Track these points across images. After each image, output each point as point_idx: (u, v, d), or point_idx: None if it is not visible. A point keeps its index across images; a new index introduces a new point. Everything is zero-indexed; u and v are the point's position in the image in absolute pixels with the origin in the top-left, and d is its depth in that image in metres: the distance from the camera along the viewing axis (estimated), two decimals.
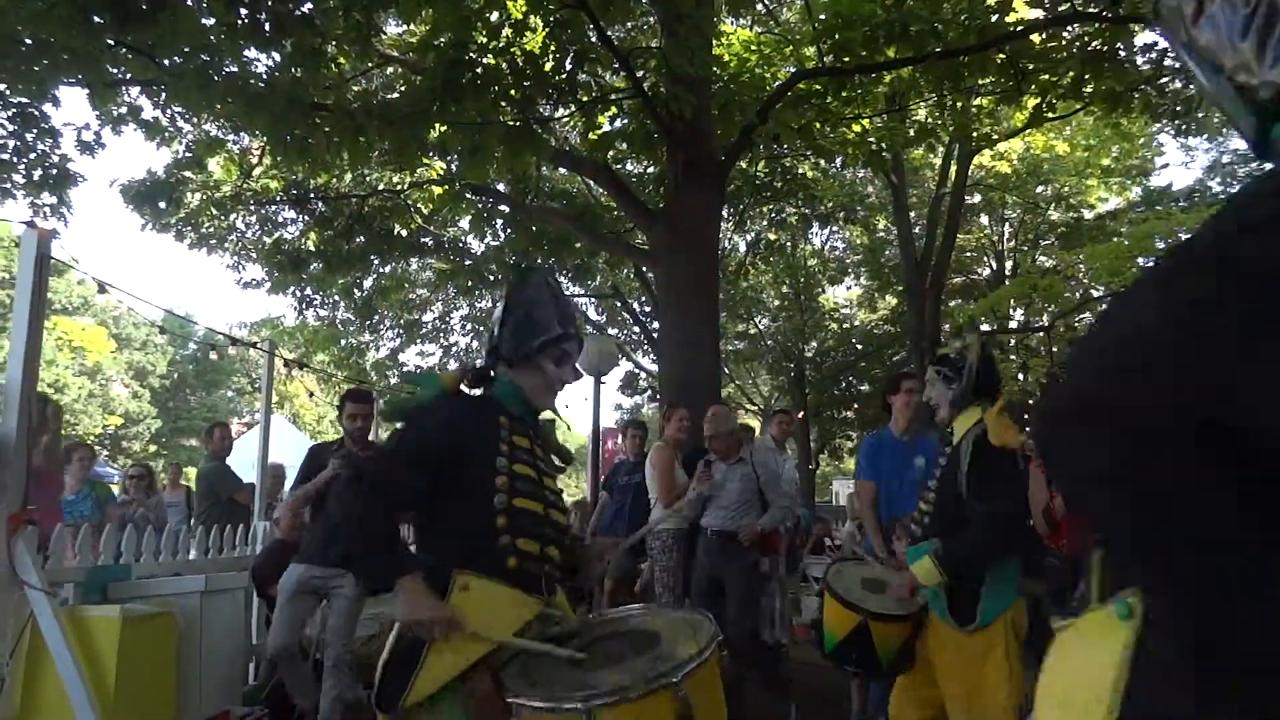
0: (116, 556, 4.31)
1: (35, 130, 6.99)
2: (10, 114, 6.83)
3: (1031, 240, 19.62)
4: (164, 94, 6.90)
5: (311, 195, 10.57)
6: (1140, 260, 13.57)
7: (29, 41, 5.50)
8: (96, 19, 5.06)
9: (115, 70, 6.31)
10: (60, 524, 4.04)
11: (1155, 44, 7.75)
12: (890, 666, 3.07)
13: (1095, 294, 15.73)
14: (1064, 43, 7.55)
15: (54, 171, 7.17)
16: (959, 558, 2.82)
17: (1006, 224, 20.03)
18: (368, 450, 4.57)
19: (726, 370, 18.88)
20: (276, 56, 6.27)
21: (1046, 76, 7.71)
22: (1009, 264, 19.76)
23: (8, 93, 6.53)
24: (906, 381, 4.65)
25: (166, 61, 5.91)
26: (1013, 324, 17.84)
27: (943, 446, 3.17)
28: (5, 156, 6.92)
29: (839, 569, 3.43)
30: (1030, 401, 16.07)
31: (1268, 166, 0.85)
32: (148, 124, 7.55)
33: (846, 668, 3.19)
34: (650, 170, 10.69)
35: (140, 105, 7.47)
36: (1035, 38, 7.47)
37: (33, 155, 7.10)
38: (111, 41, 5.61)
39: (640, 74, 7.16)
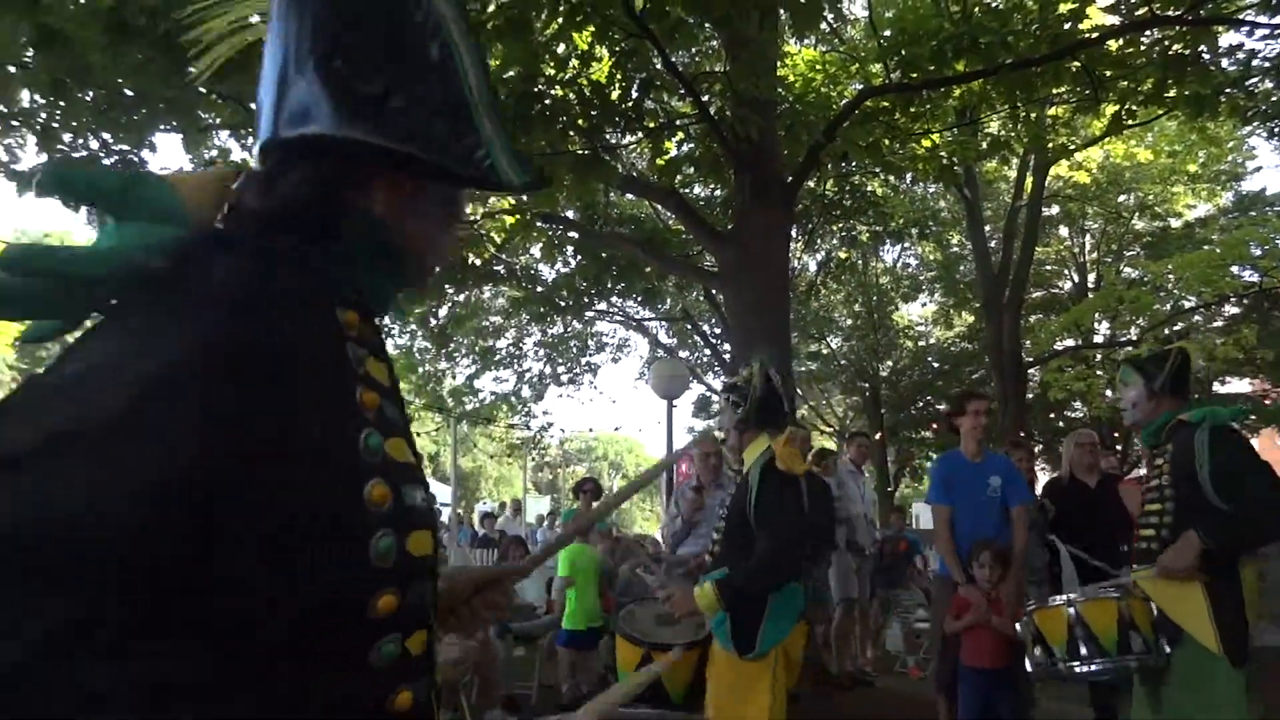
0: None
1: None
2: (113, 161, 7.26)
3: (1115, 251, 18.95)
4: (251, 136, 7.23)
5: None
6: (1234, 268, 12.98)
7: (129, 92, 5.86)
8: (191, 69, 5.36)
9: (206, 116, 6.67)
10: None
11: (1241, 45, 7.45)
12: (683, 698, 3.07)
13: (1187, 305, 15.10)
14: (1142, 48, 7.31)
15: None
16: (738, 585, 2.79)
17: (1088, 235, 19.40)
18: None
19: (799, 391, 18.67)
20: None
21: (1125, 83, 7.47)
22: (1092, 276, 19.11)
23: (110, 141, 6.95)
24: (972, 402, 4.57)
25: (254, 106, 6.21)
26: (1098, 338, 17.20)
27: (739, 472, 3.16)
28: None
29: (631, 610, 3.50)
30: (1120, 419, 15.46)
31: None
32: (236, 165, 7.93)
33: (638, 704, 3.14)
34: (718, 193, 10.73)
35: (229, 148, 7.86)
36: (1112, 44, 7.25)
37: None
38: (203, 90, 5.92)
39: (706, 98, 7.22)
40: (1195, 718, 2.76)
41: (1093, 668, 3.03)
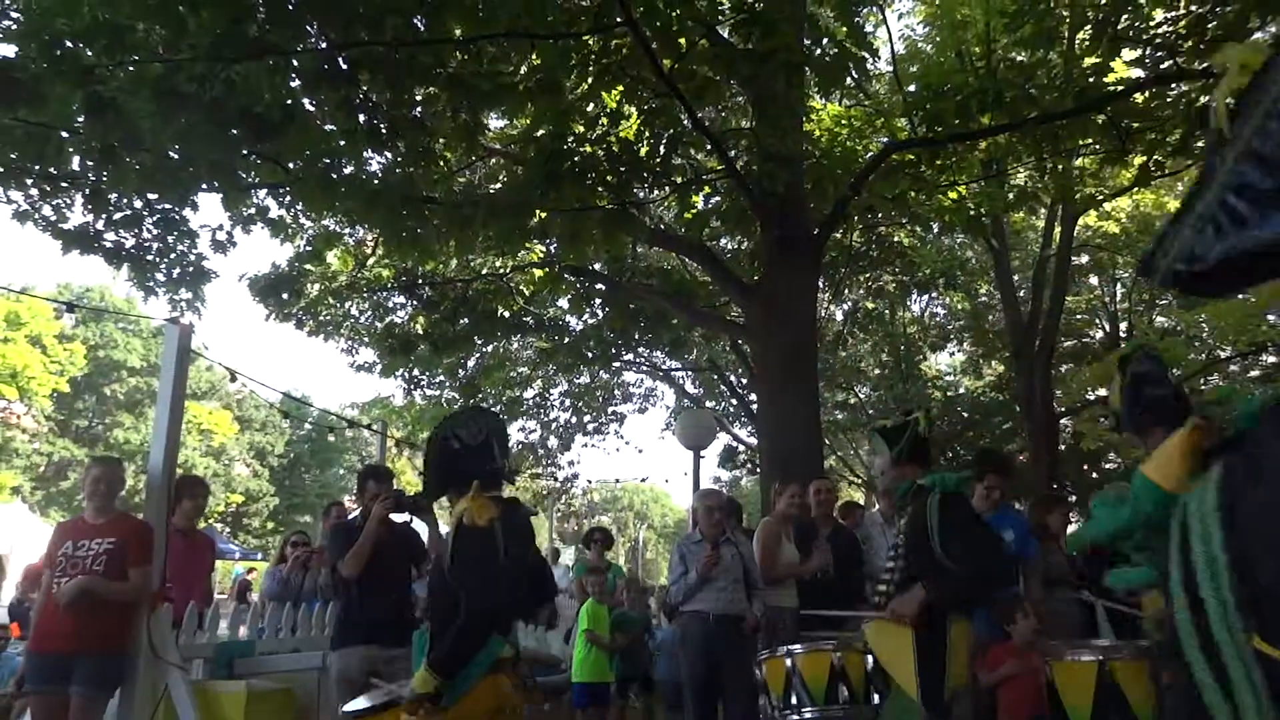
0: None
1: (176, 233, 7.63)
2: (155, 219, 7.48)
3: (1147, 300, 18.74)
4: (288, 195, 7.44)
5: (420, 281, 11.11)
6: (1271, 317, 12.79)
7: (175, 155, 6.06)
8: (233, 131, 5.55)
9: (246, 175, 6.87)
10: (192, 602, 4.26)
11: None
12: None
13: (1222, 354, 14.87)
14: (1169, 100, 7.34)
15: (190, 269, 7.78)
16: (443, 655, 2.75)
17: (1119, 284, 19.21)
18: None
19: (827, 442, 18.51)
20: (389, 155, 6.71)
21: (1152, 135, 7.49)
22: (1124, 325, 18.89)
23: (154, 201, 7.16)
24: (990, 477, 4.64)
25: (292, 165, 6.41)
26: None
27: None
28: (150, 257, 7.55)
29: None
30: None
31: None
32: (273, 222, 8.13)
33: None
34: (745, 245, 10.82)
35: (267, 205, 8.06)
36: (1138, 97, 7.29)
37: (173, 255, 7.73)
38: (245, 151, 6.12)
39: (732, 154, 7.32)
40: None
41: (803, 715, 3.21)
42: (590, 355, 13.23)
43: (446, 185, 7.28)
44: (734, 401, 16.83)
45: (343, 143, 5.97)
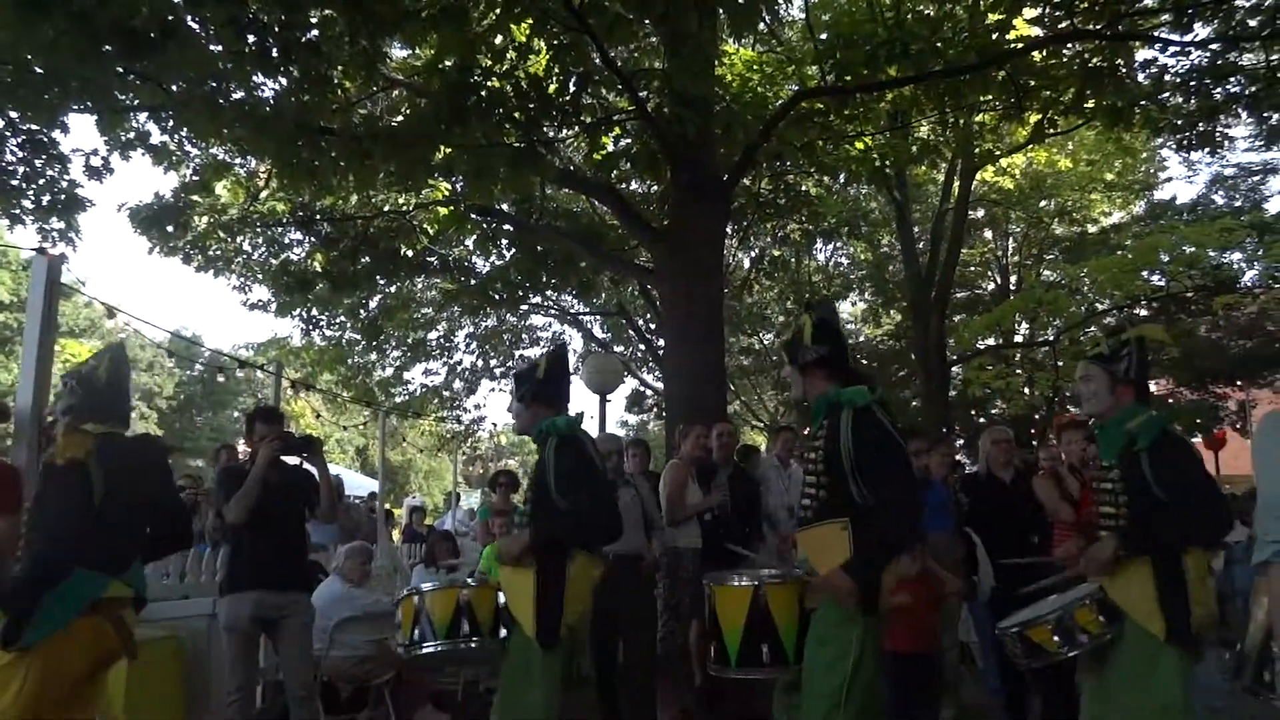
0: None
1: (44, 156, 7.07)
2: (20, 141, 6.90)
3: (1035, 255, 19.62)
4: (172, 119, 6.96)
5: (317, 217, 10.64)
6: (1145, 273, 13.57)
7: (39, 70, 5.56)
8: (106, 47, 5.12)
9: (124, 97, 6.38)
10: None
11: (1154, 60, 7.79)
12: None
13: (1100, 308, 15.73)
14: (1064, 60, 7.58)
15: (62, 197, 7.24)
16: (7, 591, 2.87)
17: (1010, 239, 20.04)
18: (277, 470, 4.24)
19: (732, 387, 18.87)
20: (283, 81, 6.34)
21: (1048, 93, 7.74)
22: (1013, 279, 19.76)
23: (18, 120, 6.60)
24: (910, 442, 4.72)
25: (174, 88, 5.98)
26: (1018, 338, 17.81)
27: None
28: (15, 183, 6.99)
29: None
30: (1036, 416, 16.03)
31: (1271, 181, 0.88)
32: (155, 149, 7.62)
33: None
34: (654, 189, 10.75)
35: (148, 130, 7.54)
36: (1036, 55, 7.51)
37: (41, 181, 7.17)
38: (120, 69, 5.67)
39: (643, 95, 7.21)
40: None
41: (423, 650, 3.37)
42: (497, 298, 13.02)
43: (345, 116, 6.94)
44: (641, 346, 16.93)
45: (229, 65, 5.59)
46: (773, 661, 3.14)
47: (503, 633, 3.37)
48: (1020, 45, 7.43)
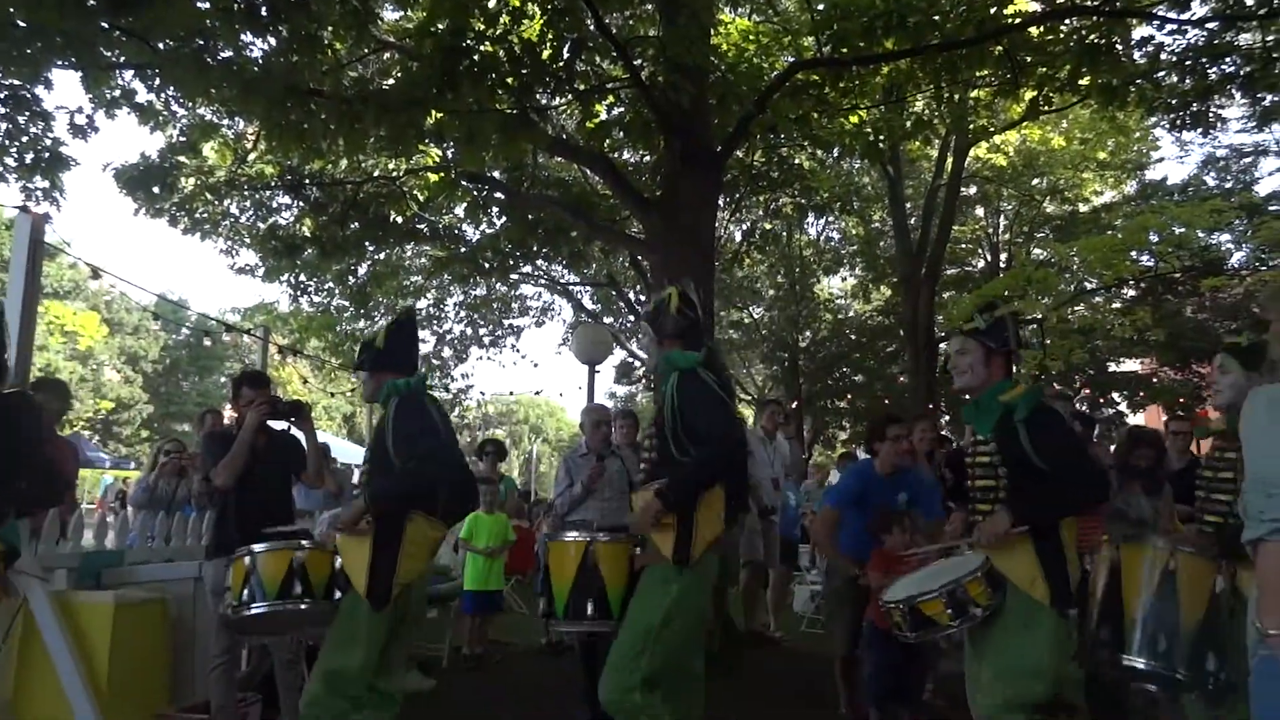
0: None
1: (27, 113, 6.93)
2: (2, 96, 6.77)
3: (1026, 233, 19.64)
4: (158, 78, 6.84)
5: (306, 181, 10.51)
6: (1134, 253, 13.62)
7: (22, 24, 5.45)
8: (91, 2, 5.02)
9: (109, 53, 6.26)
10: (53, 510, 4.03)
11: (1151, 38, 7.75)
12: None
13: (1088, 286, 15.80)
14: (1061, 36, 7.53)
15: (46, 155, 7.12)
16: None
17: (1002, 216, 20.05)
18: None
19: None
20: (272, 41, 6.22)
21: (1043, 69, 7.70)
22: (1004, 256, 19.79)
23: (0, 75, 6.47)
24: (892, 428, 4.74)
25: (161, 45, 5.87)
26: None
27: None
28: None
29: None
30: None
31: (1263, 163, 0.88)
32: (141, 108, 7.49)
33: None
34: (647, 159, 10.66)
35: (134, 89, 7.40)
36: (1033, 30, 7.45)
37: (25, 138, 7.04)
38: (105, 25, 5.56)
39: (638, 63, 7.13)
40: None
41: (252, 610, 3.35)
42: (487, 266, 12.92)
43: (335, 78, 6.83)
44: (631, 317, 16.89)
45: (217, 23, 5.49)
46: (597, 615, 3.31)
47: (338, 595, 3.38)
48: (1018, 20, 7.38)
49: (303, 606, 3.38)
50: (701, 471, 3.04)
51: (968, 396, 3.27)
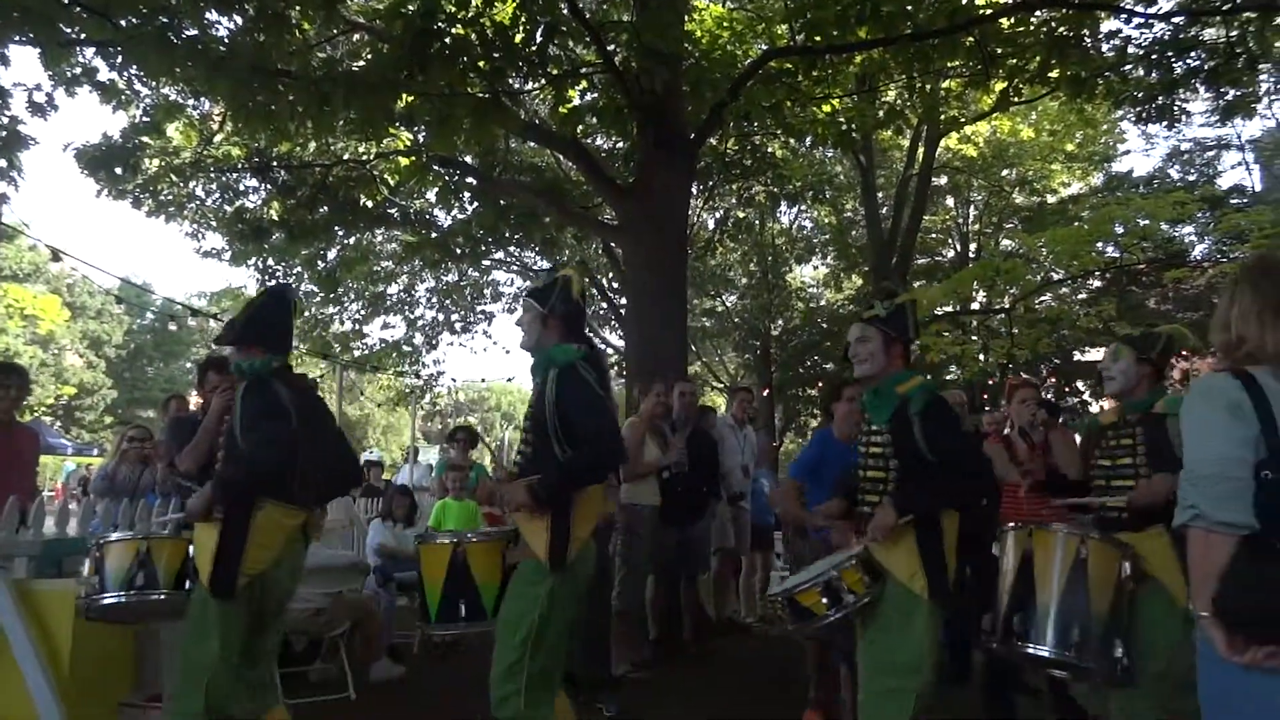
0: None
1: None
2: None
3: (995, 223, 19.85)
4: (120, 56, 6.68)
5: (274, 164, 10.36)
6: (1099, 244, 13.82)
7: None
8: None
9: (69, 30, 6.09)
10: (13, 497, 3.95)
11: (1119, 31, 7.85)
12: None
13: (1055, 277, 16.00)
14: (1031, 28, 7.61)
15: (3, 134, 6.94)
16: None
17: (972, 207, 20.24)
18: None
19: (693, 347, 18.94)
20: (238, 20, 6.10)
21: (1013, 61, 7.77)
22: (973, 246, 20.00)
23: None
24: (849, 390, 4.75)
25: (123, 22, 5.73)
26: (975, 305, 18.08)
27: None
28: None
29: None
30: (990, 381, 16.35)
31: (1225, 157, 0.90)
32: (103, 86, 7.31)
33: None
34: (620, 146, 10.63)
35: (95, 67, 7.22)
36: (1004, 22, 7.52)
37: None
38: (65, 0, 5.42)
39: (611, 48, 7.09)
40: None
41: (104, 600, 3.30)
42: (459, 252, 12.83)
43: (303, 59, 6.72)
44: (604, 305, 16.86)
45: (180, 1, 5.37)
46: (470, 617, 3.24)
47: (187, 584, 3.30)
48: (989, 11, 7.44)
49: (154, 597, 3.29)
50: (578, 473, 2.95)
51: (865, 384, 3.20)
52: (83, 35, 6.31)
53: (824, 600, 2.95)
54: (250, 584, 3.05)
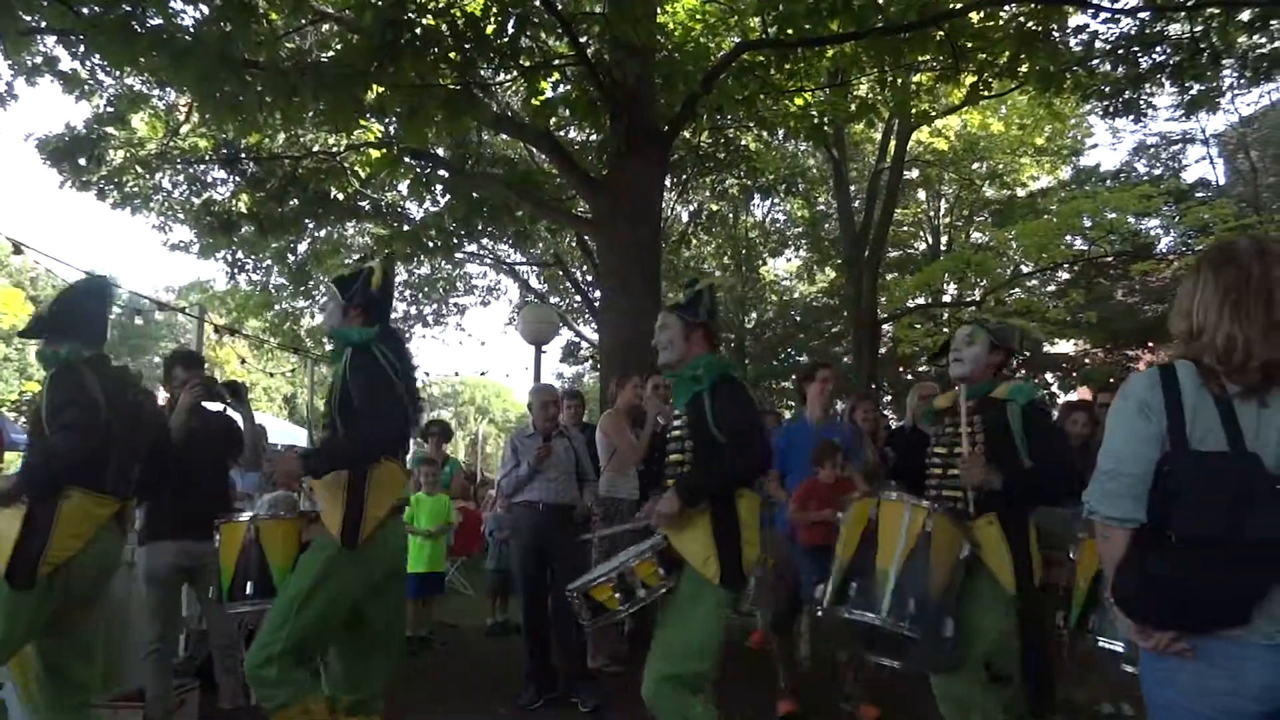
0: None
1: None
2: None
3: (966, 216, 20.04)
4: (83, 45, 6.55)
5: (243, 155, 10.20)
6: (1067, 237, 14.01)
7: None
8: None
9: (29, 18, 5.96)
10: None
11: (1086, 26, 7.95)
12: None
13: (1025, 269, 16.20)
14: (1000, 22, 7.68)
15: None
16: None
17: (943, 200, 20.42)
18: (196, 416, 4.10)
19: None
20: (204, 9, 6.00)
21: (983, 55, 7.84)
22: (944, 239, 20.18)
23: None
24: (821, 370, 4.78)
25: (85, 10, 5.62)
26: (946, 298, 18.26)
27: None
28: None
29: None
30: None
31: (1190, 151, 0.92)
32: (66, 76, 7.18)
33: None
34: (593, 138, 10.59)
35: (57, 56, 7.09)
36: (974, 16, 7.57)
37: None
38: None
39: (584, 40, 7.06)
40: None
41: None
42: (431, 245, 12.71)
43: (271, 49, 6.61)
44: (578, 298, 16.84)
45: None
46: (259, 594, 3.26)
47: None
48: (959, 6, 7.49)
49: None
50: (350, 449, 2.96)
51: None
52: (44, 23, 6.18)
53: (616, 595, 2.91)
54: (54, 572, 2.95)
